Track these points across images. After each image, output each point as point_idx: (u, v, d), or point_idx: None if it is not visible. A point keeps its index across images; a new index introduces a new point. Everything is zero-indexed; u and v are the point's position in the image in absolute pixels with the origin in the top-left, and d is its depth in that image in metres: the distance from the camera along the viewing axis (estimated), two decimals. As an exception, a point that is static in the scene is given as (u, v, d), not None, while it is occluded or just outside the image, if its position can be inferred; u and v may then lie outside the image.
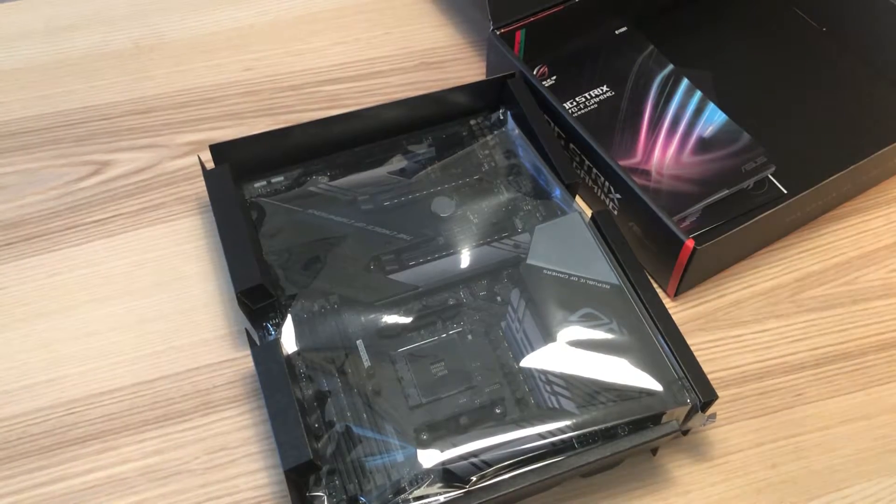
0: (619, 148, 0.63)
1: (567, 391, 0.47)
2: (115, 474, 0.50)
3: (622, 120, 0.64)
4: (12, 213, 0.60)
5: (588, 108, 0.65)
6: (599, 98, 0.65)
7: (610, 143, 0.63)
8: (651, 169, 0.61)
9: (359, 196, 0.56)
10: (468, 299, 0.52)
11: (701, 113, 0.64)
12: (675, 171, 0.61)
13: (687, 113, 0.64)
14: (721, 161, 0.61)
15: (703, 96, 0.65)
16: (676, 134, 0.63)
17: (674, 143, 0.63)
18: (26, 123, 0.65)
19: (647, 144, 0.63)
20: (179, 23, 0.72)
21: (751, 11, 0.73)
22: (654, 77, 0.67)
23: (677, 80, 0.66)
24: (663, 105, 0.65)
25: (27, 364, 0.53)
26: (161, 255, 0.58)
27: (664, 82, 0.66)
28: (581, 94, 0.65)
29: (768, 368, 0.55)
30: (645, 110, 0.65)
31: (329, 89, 0.68)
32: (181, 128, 0.65)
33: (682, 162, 0.61)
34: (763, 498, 0.50)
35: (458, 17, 0.74)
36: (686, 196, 0.60)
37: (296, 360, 0.49)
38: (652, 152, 0.62)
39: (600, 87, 0.66)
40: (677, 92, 0.66)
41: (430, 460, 0.45)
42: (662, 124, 0.64)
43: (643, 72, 0.67)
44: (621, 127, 0.64)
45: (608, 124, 0.64)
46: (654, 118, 0.64)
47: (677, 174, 0.61)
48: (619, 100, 0.65)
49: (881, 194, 0.64)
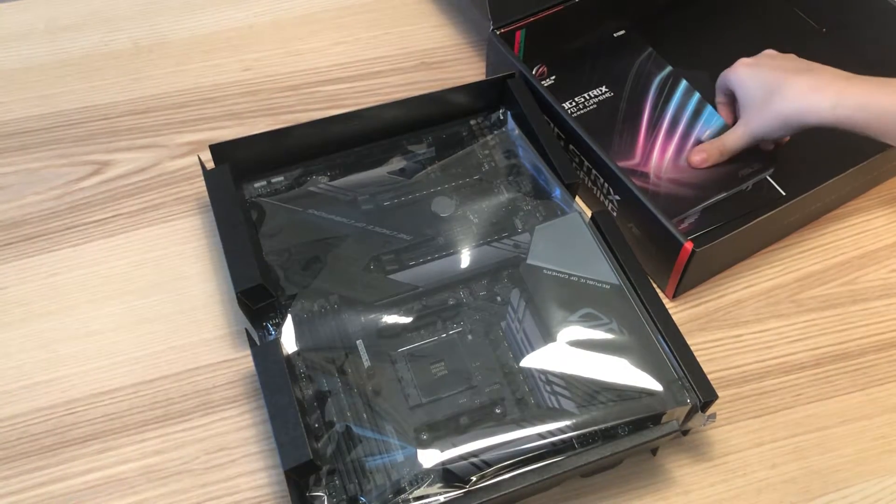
0: (618, 149, 0.63)
1: (567, 391, 0.47)
2: (115, 474, 0.50)
3: (621, 121, 0.64)
4: (12, 213, 0.60)
5: (587, 109, 0.65)
6: (598, 98, 0.65)
7: (609, 144, 0.63)
8: (650, 171, 0.61)
9: (359, 196, 0.56)
10: (468, 299, 0.52)
11: (699, 115, 0.64)
12: (674, 174, 0.61)
13: (685, 115, 0.64)
14: (719, 165, 0.61)
15: (701, 98, 0.65)
16: (675, 136, 0.63)
17: (672, 146, 0.63)
18: (26, 123, 0.65)
19: (646, 146, 0.63)
20: (179, 23, 0.72)
21: (751, 12, 0.73)
22: (652, 78, 0.67)
23: (676, 81, 0.66)
24: (662, 106, 0.65)
25: (27, 364, 0.53)
26: (161, 255, 0.58)
27: (663, 84, 0.66)
28: (580, 95, 0.65)
29: (768, 368, 0.55)
30: (644, 111, 0.65)
31: (329, 89, 0.68)
32: (181, 128, 0.65)
33: (679, 166, 0.62)
34: (763, 498, 0.50)
35: (458, 17, 0.74)
36: (684, 200, 0.60)
37: (296, 360, 0.49)
38: (650, 154, 0.62)
39: (599, 88, 0.66)
40: (676, 93, 0.66)
41: (430, 460, 0.45)
42: (661, 126, 0.64)
43: (642, 73, 0.67)
44: (620, 128, 0.64)
45: (607, 125, 0.64)
46: (653, 119, 0.64)
47: (675, 178, 0.61)
48: (618, 100, 0.65)
49: (881, 194, 0.64)
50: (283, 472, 0.43)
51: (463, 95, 0.60)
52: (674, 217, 0.58)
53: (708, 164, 0.61)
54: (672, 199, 0.60)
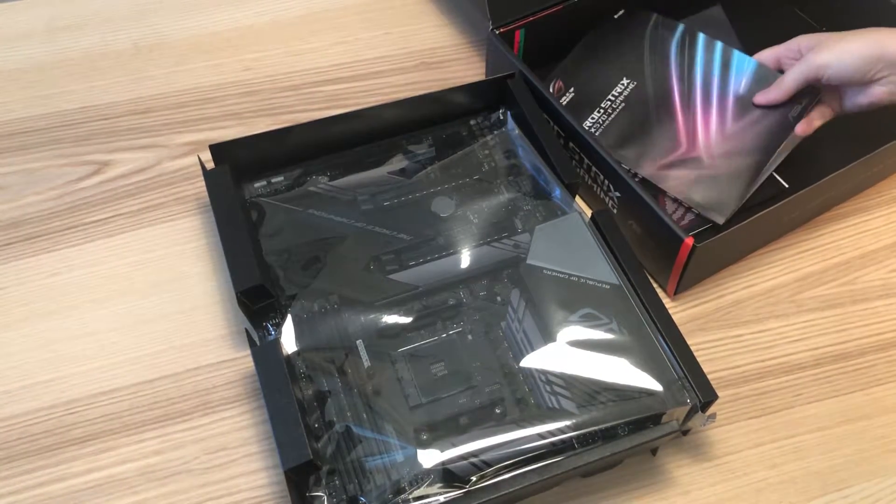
0: (661, 145, 0.58)
1: (567, 391, 0.47)
2: (115, 474, 0.50)
3: (654, 109, 0.60)
4: (12, 213, 0.60)
5: (617, 110, 0.61)
6: (624, 94, 0.62)
7: (651, 143, 0.59)
8: (701, 155, 0.56)
9: (359, 196, 0.56)
10: (468, 299, 0.52)
11: (728, 66, 0.58)
12: (725, 146, 0.56)
13: (715, 72, 0.59)
14: (767, 116, 0.55)
15: (724, 46, 0.59)
16: (712, 102, 0.57)
17: (713, 115, 0.57)
18: (26, 123, 0.65)
19: (688, 127, 0.57)
20: (179, 23, 0.72)
21: (750, 11, 0.73)
22: (668, 46, 0.62)
23: (692, 37, 0.61)
24: (688, 73, 0.60)
25: (27, 364, 0.53)
26: (161, 255, 0.58)
27: (681, 46, 0.61)
28: (605, 99, 0.62)
29: (768, 368, 0.55)
30: (673, 88, 0.60)
31: (329, 89, 0.68)
32: (181, 128, 0.65)
33: (728, 133, 0.56)
34: (763, 498, 0.50)
35: (458, 17, 0.74)
36: (748, 171, 0.54)
37: (296, 360, 0.49)
38: (695, 135, 0.57)
39: (620, 83, 0.62)
40: (697, 52, 0.60)
41: (430, 460, 0.45)
42: (695, 96, 0.58)
43: (656, 44, 0.62)
44: (656, 118, 0.59)
45: (643, 120, 0.60)
46: (685, 92, 0.59)
47: (729, 149, 0.55)
48: (644, 87, 0.61)
49: (881, 194, 0.64)
50: (283, 472, 0.43)
51: (463, 95, 0.60)
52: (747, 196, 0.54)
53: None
54: (735, 176, 0.55)
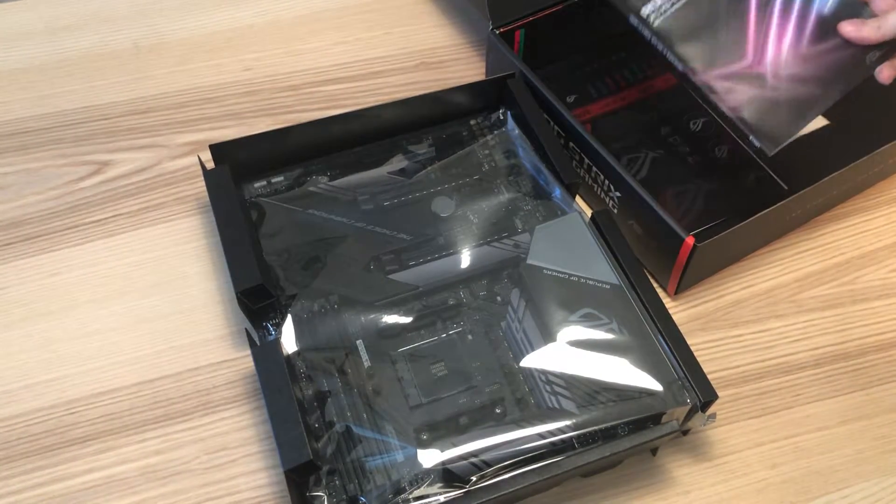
0: (725, 50, 0.52)
1: (567, 391, 0.47)
2: (115, 474, 0.50)
3: (725, 8, 0.53)
4: (12, 213, 0.60)
5: (675, 5, 0.53)
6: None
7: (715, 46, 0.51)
8: (766, 72, 0.50)
9: (359, 196, 0.56)
10: (468, 299, 0.52)
11: None
12: (795, 68, 0.50)
13: None
14: (843, 49, 0.50)
15: None
16: (792, 15, 0.51)
17: (788, 31, 0.51)
18: (26, 123, 0.65)
19: (758, 38, 0.51)
20: (179, 23, 0.72)
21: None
22: None
23: None
24: None
25: (27, 364, 0.53)
26: (161, 255, 0.58)
27: None
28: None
29: (768, 368, 0.55)
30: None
31: (328, 89, 0.68)
32: (181, 128, 0.65)
33: (801, 54, 0.50)
34: (763, 498, 0.50)
35: (458, 17, 0.74)
36: (806, 102, 0.50)
37: (296, 360, 0.49)
38: (764, 49, 0.51)
39: None
40: None
41: (430, 460, 0.45)
42: (774, 3, 0.51)
43: None
44: (726, 19, 0.52)
45: (710, 18, 0.52)
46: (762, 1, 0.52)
47: (797, 73, 0.50)
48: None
49: (881, 194, 0.64)
50: (283, 472, 0.43)
51: (463, 95, 0.60)
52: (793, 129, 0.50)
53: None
54: (794, 104, 0.50)
